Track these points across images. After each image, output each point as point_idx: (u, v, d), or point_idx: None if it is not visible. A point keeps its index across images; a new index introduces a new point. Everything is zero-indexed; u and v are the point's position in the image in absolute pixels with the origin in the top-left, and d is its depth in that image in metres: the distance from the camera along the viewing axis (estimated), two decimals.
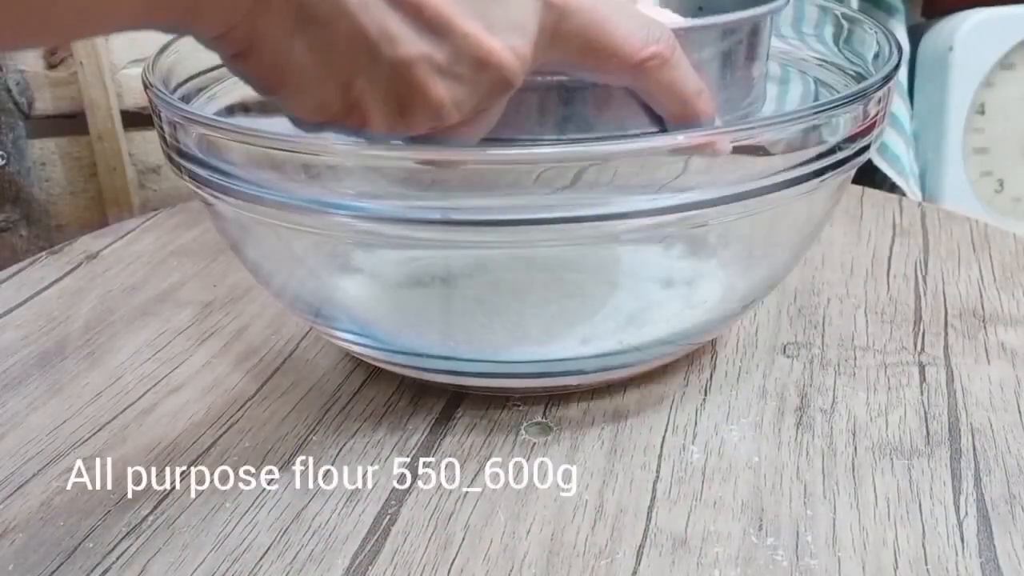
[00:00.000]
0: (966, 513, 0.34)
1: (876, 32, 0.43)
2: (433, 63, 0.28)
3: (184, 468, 0.38)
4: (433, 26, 0.28)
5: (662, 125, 0.33)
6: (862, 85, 0.36)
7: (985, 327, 0.46)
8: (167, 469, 0.38)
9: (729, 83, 0.35)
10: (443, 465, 0.37)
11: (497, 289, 0.37)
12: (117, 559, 0.33)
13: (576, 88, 0.32)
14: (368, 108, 0.29)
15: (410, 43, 0.28)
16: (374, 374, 0.43)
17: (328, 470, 0.37)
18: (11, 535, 0.35)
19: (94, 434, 0.40)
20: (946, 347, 0.45)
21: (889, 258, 0.53)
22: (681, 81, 0.32)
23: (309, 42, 0.27)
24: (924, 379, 0.42)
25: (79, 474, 0.38)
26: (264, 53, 0.28)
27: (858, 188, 0.61)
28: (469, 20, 0.28)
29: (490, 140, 0.32)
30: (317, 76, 0.28)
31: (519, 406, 0.41)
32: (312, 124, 0.30)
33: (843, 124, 0.35)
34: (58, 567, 0.33)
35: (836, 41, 0.45)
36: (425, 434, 0.39)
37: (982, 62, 1.05)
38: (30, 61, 1.10)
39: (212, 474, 0.37)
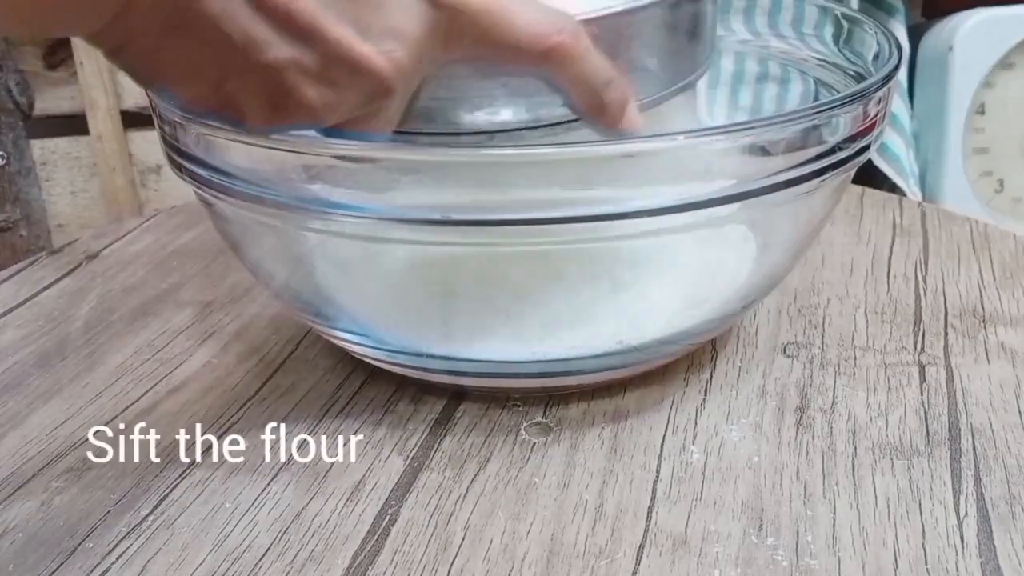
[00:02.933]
0: (966, 513, 0.34)
1: (876, 32, 0.43)
2: (302, 67, 0.28)
3: (184, 468, 0.38)
4: (302, 32, 0.28)
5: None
6: (862, 85, 0.36)
7: (985, 327, 0.46)
8: (167, 469, 0.38)
9: (662, 60, 0.35)
10: (443, 465, 0.37)
11: (497, 289, 0.37)
12: (117, 559, 0.33)
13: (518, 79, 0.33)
14: (242, 105, 0.29)
15: (277, 48, 0.28)
16: (374, 374, 0.43)
17: (328, 470, 0.37)
18: (11, 535, 0.35)
19: (94, 434, 0.40)
20: (946, 347, 0.45)
21: (889, 258, 0.53)
22: (589, 72, 0.32)
23: (178, 43, 0.28)
24: (924, 379, 0.42)
25: (79, 474, 0.38)
26: (135, 51, 0.28)
27: (858, 188, 0.61)
28: (340, 26, 0.28)
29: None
30: (189, 74, 0.29)
31: (519, 406, 0.41)
32: (192, 113, 0.31)
33: (843, 124, 0.35)
34: (58, 567, 0.33)
35: (836, 41, 0.46)
36: (425, 434, 0.39)
37: (982, 62, 1.05)
38: (30, 61, 1.10)
39: (212, 474, 0.37)
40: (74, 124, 1.13)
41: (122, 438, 0.39)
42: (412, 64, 0.29)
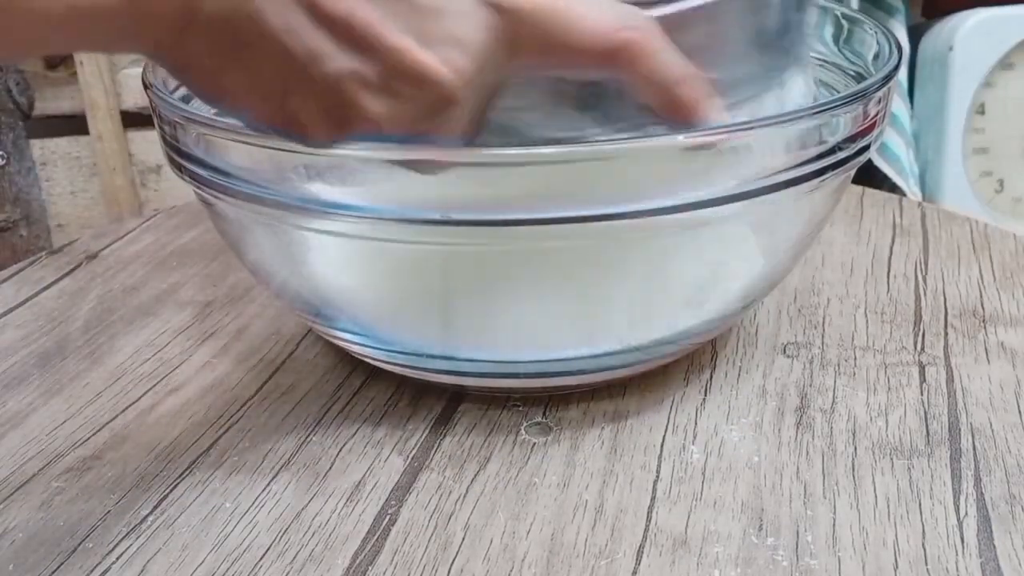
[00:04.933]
0: (966, 513, 0.34)
1: (876, 32, 0.43)
2: (364, 79, 0.28)
3: (184, 468, 0.38)
4: (362, 43, 0.28)
5: None
6: (862, 85, 0.36)
7: (985, 327, 0.46)
8: (167, 469, 0.38)
9: (745, 55, 0.34)
10: (443, 465, 0.37)
11: (497, 289, 0.37)
12: (117, 559, 0.33)
13: (596, 83, 0.32)
14: (306, 121, 0.29)
15: (338, 60, 0.28)
16: (374, 374, 0.43)
17: (328, 470, 0.37)
18: (11, 535, 0.35)
19: (94, 434, 0.40)
20: (946, 347, 0.45)
21: (889, 258, 0.53)
22: (661, 69, 0.31)
23: (240, 62, 0.28)
24: (924, 379, 0.42)
25: (79, 474, 0.38)
26: (198, 72, 0.28)
27: (858, 188, 0.61)
28: (400, 36, 0.28)
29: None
30: (252, 92, 0.29)
31: (519, 406, 0.41)
32: (259, 131, 0.31)
33: (843, 124, 0.35)
34: (58, 567, 0.33)
35: (836, 41, 0.45)
36: (425, 434, 0.39)
37: (982, 62, 1.05)
38: (30, 61, 1.10)
39: (212, 474, 0.37)
40: (74, 124, 1.13)
41: (122, 438, 0.40)
42: (475, 72, 0.29)
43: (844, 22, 0.45)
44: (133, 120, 1.13)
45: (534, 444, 0.39)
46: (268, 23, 0.27)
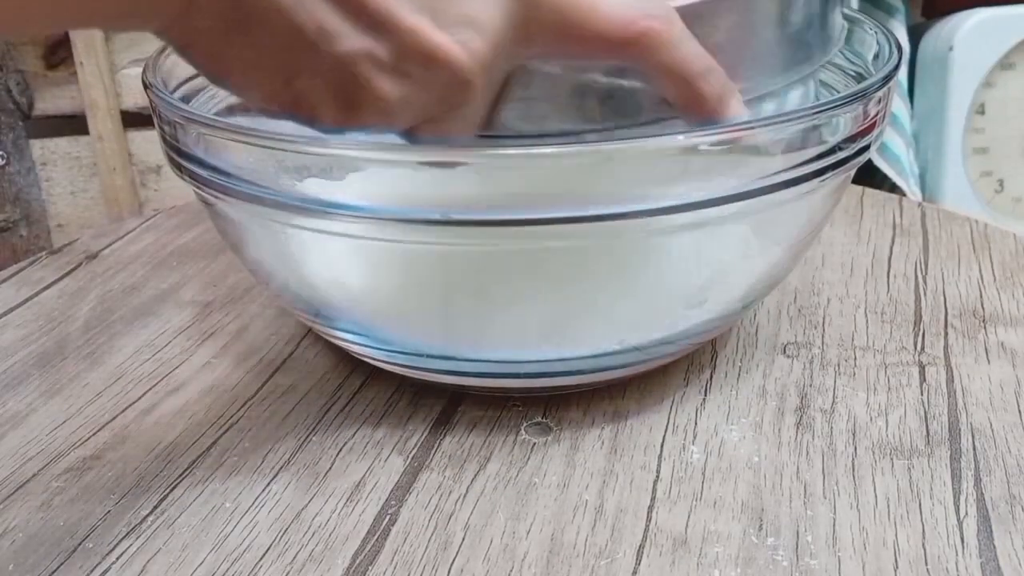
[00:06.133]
0: (966, 513, 0.34)
1: (876, 32, 0.43)
2: (376, 59, 0.27)
3: (184, 468, 0.38)
4: (375, 21, 0.27)
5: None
6: (862, 85, 0.36)
7: (985, 327, 0.46)
8: (167, 469, 0.38)
9: (772, 49, 0.33)
10: (443, 465, 0.37)
11: (497, 289, 0.37)
12: (117, 559, 0.33)
13: (613, 74, 0.31)
14: (315, 102, 0.28)
15: (351, 39, 0.27)
16: (374, 374, 0.43)
17: (328, 470, 0.37)
18: (11, 535, 0.35)
19: (94, 434, 0.40)
20: (946, 347, 0.45)
21: (889, 258, 0.53)
22: (682, 60, 0.30)
23: (247, 39, 0.27)
24: (924, 379, 0.42)
25: (79, 474, 0.38)
26: (203, 49, 0.27)
27: (858, 188, 0.61)
28: (414, 15, 0.27)
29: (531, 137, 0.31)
30: (259, 71, 0.28)
31: (519, 406, 0.41)
32: (265, 113, 0.30)
33: (843, 124, 0.35)
34: (58, 567, 0.33)
35: None
36: (425, 434, 0.39)
37: (982, 62, 1.05)
38: (30, 61, 1.10)
39: (212, 474, 0.37)
40: (74, 124, 1.13)
41: (122, 439, 0.40)
42: (490, 55, 0.28)
43: (844, 22, 0.45)
44: (133, 120, 1.13)
45: (534, 444, 0.39)
46: None
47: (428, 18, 0.27)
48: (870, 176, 1.06)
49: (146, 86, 0.38)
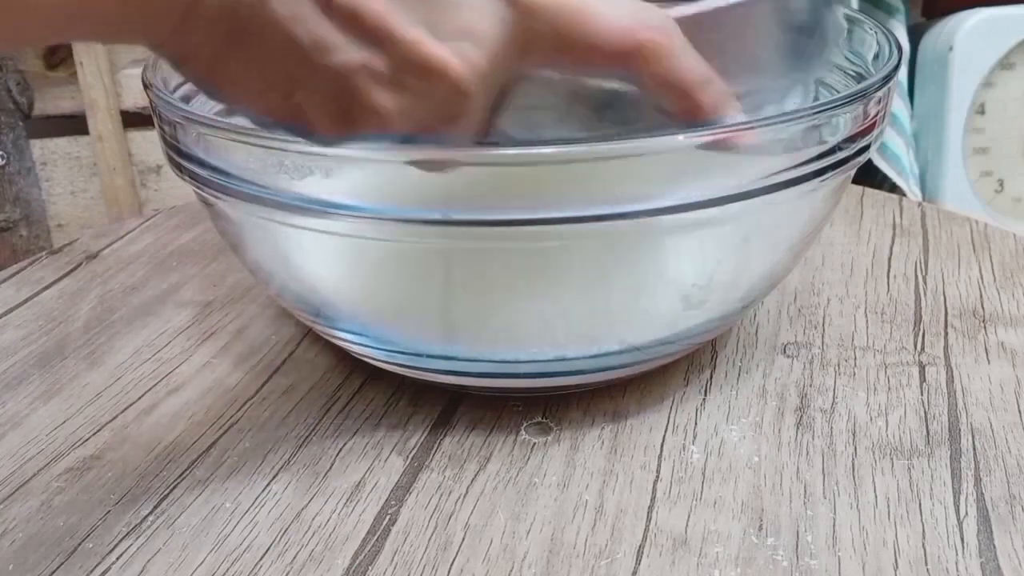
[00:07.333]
0: (966, 513, 0.34)
1: (876, 32, 0.42)
2: (374, 72, 0.27)
3: (184, 468, 0.38)
4: (372, 34, 0.27)
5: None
6: (862, 85, 0.36)
7: (985, 327, 0.46)
8: (167, 469, 0.38)
9: (770, 59, 0.33)
10: (443, 465, 0.37)
11: (497, 289, 0.37)
12: (117, 559, 0.33)
13: (611, 82, 0.31)
14: (312, 115, 0.28)
15: (348, 52, 0.27)
16: (374, 374, 0.43)
17: (328, 470, 0.37)
18: (11, 535, 0.35)
19: (94, 434, 0.40)
20: (946, 347, 0.45)
21: (889, 258, 0.53)
22: (680, 72, 0.30)
23: (243, 54, 0.27)
24: (924, 379, 0.42)
25: (79, 474, 0.38)
26: (200, 63, 0.27)
27: (858, 188, 0.61)
28: (411, 28, 0.27)
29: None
30: (256, 84, 0.28)
31: (519, 406, 0.41)
32: (262, 125, 0.30)
33: (843, 124, 0.35)
34: (58, 567, 0.33)
35: None
36: (425, 434, 0.39)
37: (982, 62, 1.06)
38: (30, 61, 1.10)
39: (212, 474, 0.37)
40: (74, 124, 1.13)
41: (122, 438, 0.40)
42: (488, 66, 0.28)
43: (844, 22, 0.45)
44: (133, 120, 1.13)
45: (534, 444, 0.39)
46: (273, 11, 0.26)
47: (425, 30, 0.27)
48: (870, 176, 1.06)
49: (146, 86, 0.38)
